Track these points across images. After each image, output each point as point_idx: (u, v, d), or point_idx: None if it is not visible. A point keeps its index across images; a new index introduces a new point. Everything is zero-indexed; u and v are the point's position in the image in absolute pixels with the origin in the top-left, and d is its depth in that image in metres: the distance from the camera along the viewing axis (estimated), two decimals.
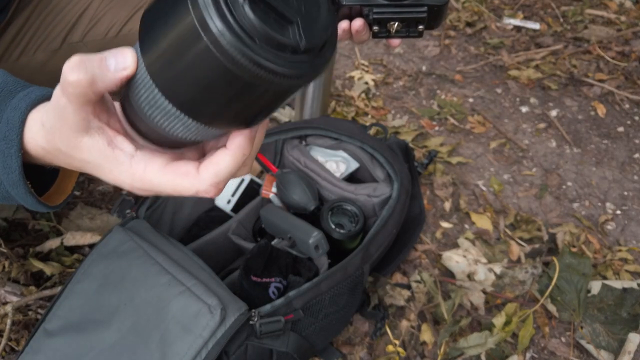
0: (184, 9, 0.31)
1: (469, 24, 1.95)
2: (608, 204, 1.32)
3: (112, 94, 0.41)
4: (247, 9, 0.31)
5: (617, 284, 1.07)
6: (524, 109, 1.59)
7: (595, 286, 1.08)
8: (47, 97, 0.44)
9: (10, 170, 0.43)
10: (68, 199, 0.50)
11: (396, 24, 0.65)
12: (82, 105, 0.38)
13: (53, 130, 0.40)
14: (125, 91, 0.40)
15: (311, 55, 0.34)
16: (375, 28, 0.66)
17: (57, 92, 0.38)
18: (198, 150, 0.45)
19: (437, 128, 1.51)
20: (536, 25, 1.94)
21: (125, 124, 0.43)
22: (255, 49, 0.31)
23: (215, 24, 0.30)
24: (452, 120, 1.53)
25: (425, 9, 0.64)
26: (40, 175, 0.48)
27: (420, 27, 0.66)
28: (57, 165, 0.45)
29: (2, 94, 0.44)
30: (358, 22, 0.66)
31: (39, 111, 0.42)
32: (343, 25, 0.67)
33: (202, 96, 0.35)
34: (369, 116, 1.52)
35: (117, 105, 0.44)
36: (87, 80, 0.37)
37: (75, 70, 0.37)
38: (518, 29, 1.93)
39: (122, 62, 0.38)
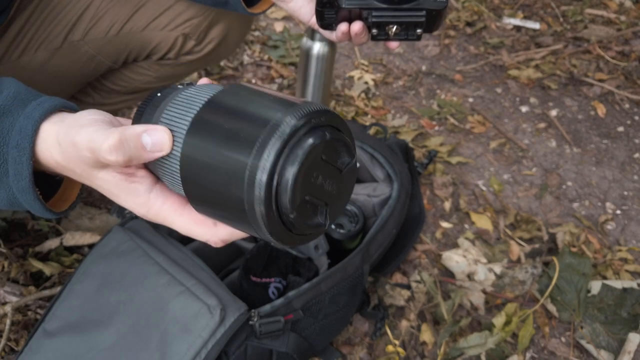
0: (241, 168, 0.35)
1: (469, 24, 1.95)
2: (608, 204, 1.31)
3: None
4: (292, 217, 0.36)
5: (617, 284, 1.07)
6: (524, 109, 1.59)
7: (595, 286, 1.08)
8: (60, 107, 0.45)
9: (20, 177, 0.43)
10: (73, 206, 0.51)
11: (395, 27, 0.65)
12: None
13: (69, 156, 0.42)
14: None
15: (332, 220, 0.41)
16: (374, 31, 0.66)
17: (82, 142, 0.40)
18: None
19: (437, 128, 1.51)
20: (536, 25, 1.94)
21: None
22: (285, 238, 0.37)
23: (260, 208, 0.34)
24: (452, 120, 1.53)
25: (423, 13, 0.64)
26: (46, 181, 0.48)
27: (419, 30, 0.66)
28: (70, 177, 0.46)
29: (15, 102, 0.45)
30: (357, 25, 0.66)
31: (54, 124, 0.43)
32: (342, 27, 0.68)
33: (211, 211, 0.39)
34: (369, 116, 1.52)
35: None
36: (124, 161, 0.40)
37: (114, 153, 0.39)
38: (518, 28, 1.93)
39: (159, 145, 0.40)
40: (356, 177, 0.42)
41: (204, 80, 0.47)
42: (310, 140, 0.35)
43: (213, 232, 0.43)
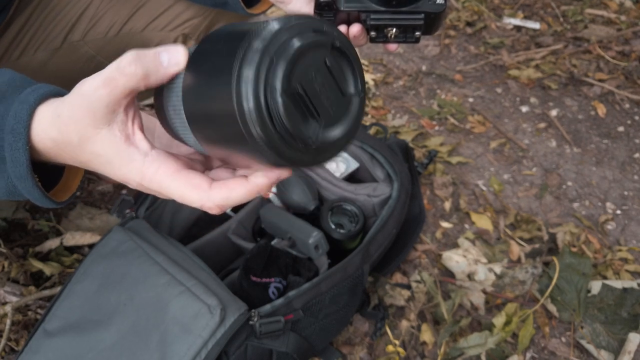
0: (229, 70, 0.35)
1: (469, 24, 1.95)
2: (608, 204, 1.31)
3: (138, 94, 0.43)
4: (280, 100, 0.34)
5: (617, 284, 1.07)
6: (524, 109, 1.59)
7: (596, 286, 1.08)
8: (56, 94, 0.45)
9: (18, 163, 0.43)
10: (72, 197, 0.51)
11: (393, 30, 0.65)
12: (121, 98, 0.40)
13: (71, 120, 0.41)
14: (160, 91, 0.44)
15: (319, 151, 0.38)
16: (373, 34, 0.66)
17: (94, 84, 0.40)
18: (205, 162, 0.46)
19: (437, 128, 1.51)
20: (536, 25, 1.94)
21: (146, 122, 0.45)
22: (269, 129, 0.35)
23: (248, 100, 0.34)
24: (452, 120, 1.53)
25: (422, 16, 0.64)
26: (46, 175, 0.48)
27: (418, 33, 0.66)
28: (61, 162, 0.45)
29: (10, 88, 0.45)
30: (356, 28, 0.66)
31: (50, 104, 0.43)
32: (341, 30, 0.68)
33: (213, 134, 0.38)
34: (369, 116, 1.52)
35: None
36: (142, 74, 0.39)
37: (133, 64, 0.39)
38: (518, 28, 1.93)
39: (175, 57, 0.40)
40: (361, 118, 0.40)
41: None
42: (296, 43, 0.34)
43: (207, 196, 0.41)
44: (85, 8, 0.87)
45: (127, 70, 0.39)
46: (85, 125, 0.41)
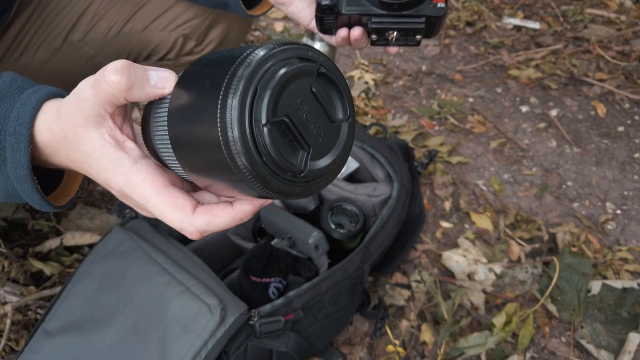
0: (214, 98, 0.34)
1: (469, 24, 1.95)
2: (608, 204, 1.31)
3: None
4: (265, 130, 0.33)
5: (617, 284, 1.07)
6: (524, 109, 1.59)
7: (596, 286, 1.08)
8: (56, 94, 0.45)
9: (18, 165, 0.43)
10: (71, 202, 0.51)
11: (394, 33, 0.65)
12: (105, 103, 0.40)
13: (66, 115, 0.41)
14: (147, 115, 0.43)
15: (308, 181, 0.37)
16: (374, 37, 0.66)
17: (86, 84, 0.40)
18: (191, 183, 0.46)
19: (437, 128, 1.51)
20: (536, 25, 1.94)
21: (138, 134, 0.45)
22: (255, 159, 0.34)
23: (233, 129, 0.33)
24: (452, 119, 1.53)
25: (423, 19, 0.64)
26: (46, 178, 0.48)
27: (418, 36, 0.66)
28: (57, 161, 0.45)
29: (11, 89, 0.45)
30: (357, 31, 0.66)
31: (55, 102, 0.43)
32: (342, 33, 0.68)
33: (197, 162, 0.37)
34: (369, 116, 1.52)
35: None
36: (126, 84, 0.39)
37: (120, 73, 0.39)
38: (518, 28, 1.93)
39: (163, 80, 0.40)
40: (351, 142, 0.39)
41: None
42: (282, 70, 0.34)
43: (190, 219, 0.40)
44: (85, 8, 0.87)
45: (112, 77, 0.39)
46: (76, 124, 0.41)
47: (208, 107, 0.34)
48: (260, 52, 0.34)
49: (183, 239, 1.01)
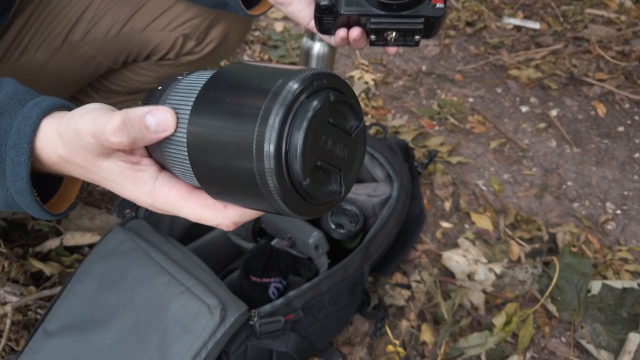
0: (248, 136, 0.34)
1: (469, 24, 1.95)
2: (608, 204, 1.31)
3: None
4: (305, 182, 0.35)
5: (617, 284, 1.07)
6: (524, 109, 1.59)
7: (596, 286, 1.08)
8: (58, 107, 0.44)
9: (18, 178, 0.43)
10: (72, 207, 0.51)
11: (393, 33, 0.65)
12: (110, 152, 0.40)
13: (72, 148, 0.41)
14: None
15: (347, 189, 0.39)
16: (373, 37, 0.67)
17: (86, 129, 0.40)
18: None
19: (437, 128, 1.51)
20: (536, 25, 1.94)
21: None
22: (298, 203, 0.36)
23: (272, 179, 0.34)
24: (452, 120, 1.53)
25: (422, 20, 0.64)
26: (44, 182, 0.48)
27: (417, 37, 0.66)
28: (71, 175, 0.45)
29: (12, 102, 0.45)
30: (356, 31, 0.67)
31: (55, 119, 0.43)
32: (341, 33, 0.68)
33: (224, 190, 0.38)
34: (369, 116, 1.52)
35: None
36: (128, 143, 0.39)
37: (118, 134, 0.39)
38: (518, 28, 1.93)
39: (163, 124, 0.40)
40: (366, 140, 0.41)
41: None
42: (315, 103, 0.34)
43: (224, 214, 0.41)
44: (85, 8, 0.87)
45: (112, 139, 0.39)
46: (85, 157, 0.41)
47: (243, 142, 0.34)
48: (295, 85, 0.34)
49: (183, 239, 1.01)
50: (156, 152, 0.43)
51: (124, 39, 0.89)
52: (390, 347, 0.99)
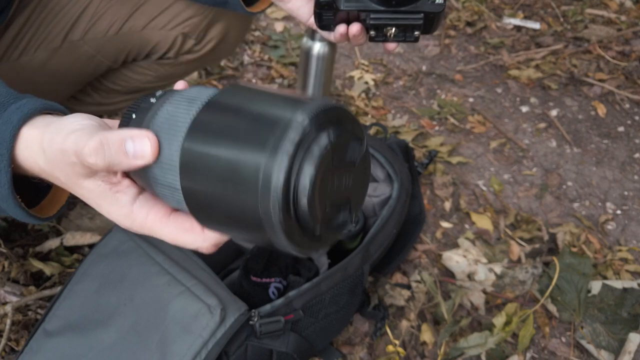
0: (252, 171, 0.32)
1: (469, 24, 1.95)
2: (608, 204, 1.31)
3: None
4: (317, 227, 0.34)
5: (617, 284, 1.07)
6: (524, 109, 1.59)
7: (596, 286, 1.07)
8: (42, 110, 0.43)
9: None
10: (62, 210, 0.50)
11: (393, 29, 0.65)
12: (90, 172, 0.40)
13: (55, 164, 0.41)
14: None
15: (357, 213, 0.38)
16: (372, 33, 0.67)
17: (70, 148, 0.39)
18: None
19: (437, 128, 1.51)
20: (536, 25, 1.94)
21: None
22: (304, 242, 0.34)
23: (276, 214, 0.32)
24: (452, 120, 1.53)
25: (421, 15, 0.64)
26: (34, 185, 0.47)
27: (417, 32, 0.66)
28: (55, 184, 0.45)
29: None
30: (355, 27, 0.67)
31: (37, 128, 0.42)
32: (340, 29, 0.68)
33: (220, 223, 0.36)
34: (369, 116, 1.52)
35: None
36: (103, 166, 0.38)
37: (94, 155, 0.38)
38: (518, 28, 1.93)
39: (140, 151, 0.38)
40: (370, 161, 0.39)
41: (180, 85, 0.45)
42: (325, 140, 0.33)
43: (202, 238, 0.40)
44: (85, 7, 0.87)
45: (89, 160, 0.38)
46: (67, 174, 0.41)
47: (247, 176, 0.32)
48: (306, 121, 0.32)
49: None
50: (136, 173, 0.41)
51: (123, 38, 0.89)
52: (390, 347, 0.99)
